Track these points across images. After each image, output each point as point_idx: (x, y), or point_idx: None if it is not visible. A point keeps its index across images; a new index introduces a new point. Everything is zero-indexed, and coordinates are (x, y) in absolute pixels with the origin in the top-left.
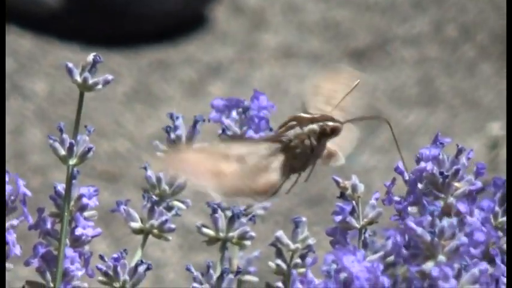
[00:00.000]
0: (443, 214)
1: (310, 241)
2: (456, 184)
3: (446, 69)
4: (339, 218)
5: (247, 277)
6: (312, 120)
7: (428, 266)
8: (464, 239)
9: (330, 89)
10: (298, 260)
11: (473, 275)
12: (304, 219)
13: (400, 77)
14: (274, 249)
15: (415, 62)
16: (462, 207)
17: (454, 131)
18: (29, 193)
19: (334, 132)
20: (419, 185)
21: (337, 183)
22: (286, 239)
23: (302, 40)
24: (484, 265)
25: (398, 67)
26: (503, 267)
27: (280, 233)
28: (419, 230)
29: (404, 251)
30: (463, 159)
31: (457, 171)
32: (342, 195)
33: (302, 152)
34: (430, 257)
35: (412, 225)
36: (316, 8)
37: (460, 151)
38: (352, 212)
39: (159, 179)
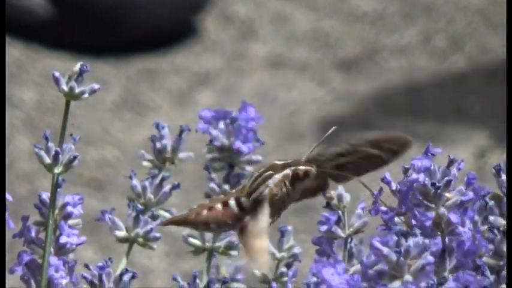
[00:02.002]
0: (434, 225)
1: (296, 250)
2: (447, 195)
3: (435, 79)
4: (324, 227)
5: (235, 285)
6: (284, 166)
7: (395, 286)
8: (431, 258)
9: None
10: (284, 269)
11: None
12: (290, 228)
13: (389, 87)
14: None
15: (404, 72)
16: (454, 217)
17: (442, 140)
18: (10, 198)
19: (307, 175)
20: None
21: (323, 193)
22: (272, 248)
23: (291, 50)
24: (452, 284)
25: (386, 77)
26: (490, 279)
27: None
28: (385, 250)
29: (370, 272)
30: (454, 170)
31: (448, 182)
32: (328, 205)
33: (280, 198)
34: (397, 276)
35: (378, 245)
36: (305, 18)
37: (451, 162)
38: (338, 222)
39: (144, 188)
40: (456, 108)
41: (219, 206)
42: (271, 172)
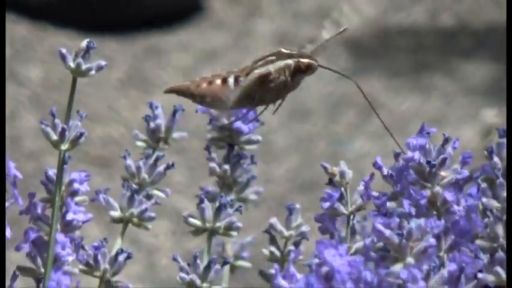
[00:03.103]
0: (429, 204)
1: (304, 228)
2: (442, 173)
3: (442, 57)
4: (326, 204)
5: (240, 263)
6: (289, 56)
7: (397, 268)
8: (432, 241)
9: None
10: (292, 247)
11: (442, 277)
12: (297, 206)
13: (395, 65)
14: (268, 235)
15: (411, 50)
16: (449, 196)
17: (449, 118)
18: (19, 175)
19: (309, 69)
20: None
21: (326, 169)
22: (280, 226)
23: (297, 28)
24: (453, 266)
25: (394, 55)
26: (484, 261)
27: (274, 220)
28: (387, 232)
29: (372, 254)
30: (449, 148)
31: (443, 160)
32: (330, 182)
33: (275, 86)
34: (399, 259)
35: (380, 227)
36: None
37: (446, 140)
38: (341, 199)
39: (138, 168)
40: (463, 86)
41: (218, 81)
42: (274, 58)
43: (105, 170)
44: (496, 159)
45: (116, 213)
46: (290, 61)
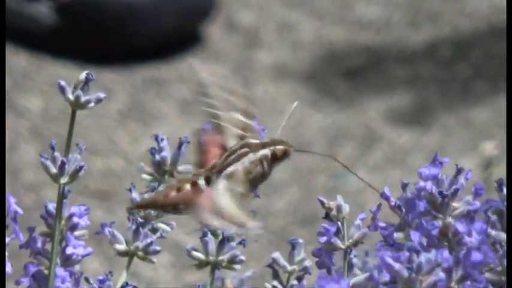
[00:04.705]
0: (440, 234)
1: (307, 263)
2: (454, 204)
3: (441, 88)
4: (323, 238)
5: None
6: (263, 145)
7: None
8: (442, 275)
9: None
10: (295, 282)
11: None
12: (300, 240)
13: (394, 96)
14: (268, 268)
15: (409, 80)
16: (461, 227)
17: (448, 150)
18: (20, 211)
19: (286, 155)
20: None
21: (322, 203)
22: (283, 261)
23: (296, 58)
24: None
25: (392, 86)
26: None
27: (276, 254)
28: (396, 265)
29: (381, 287)
30: (461, 179)
31: (456, 191)
32: (327, 216)
33: (254, 177)
34: None
35: (390, 260)
36: (310, 26)
37: (459, 171)
38: (337, 233)
39: None
40: (462, 118)
41: (187, 186)
42: (246, 149)
43: (104, 203)
44: (505, 191)
45: (122, 247)
46: (266, 151)
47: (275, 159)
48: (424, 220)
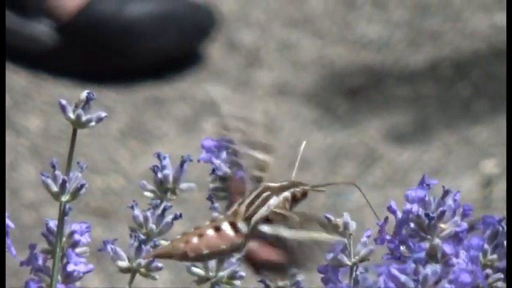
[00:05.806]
0: (428, 256)
1: (299, 278)
2: (442, 226)
3: (441, 107)
4: (330, 255)
5: None
6: (282, 189)
7: None
8: (448, 286)
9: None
10: None
11: None
12: None
13: (394, 115)
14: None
15: (410, 99)
16: (448, 248)
17: (448, 168)
18: (11, 225)
19: (305, 196)
20: (408, 226)
21: (329, 220)
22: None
23: (297, 78)
24: None
25: (392, 105)
26: None
27: None
28: (402, 277)
29: None
30: (449, 200)
31: (442, 212)
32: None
33: (278, 220)
34: None
35: (396, 272)
36: (311, 46)
37: (446, 193)
38: (344, 250)
39: (146, 218)
40: (462, 136)
41: (210, 231)
42: (269, 193)
43: (105, 220)
44: None
45: (124, 264)
46: (287, 193)
47: (294, 200)
48: (411, 242)
